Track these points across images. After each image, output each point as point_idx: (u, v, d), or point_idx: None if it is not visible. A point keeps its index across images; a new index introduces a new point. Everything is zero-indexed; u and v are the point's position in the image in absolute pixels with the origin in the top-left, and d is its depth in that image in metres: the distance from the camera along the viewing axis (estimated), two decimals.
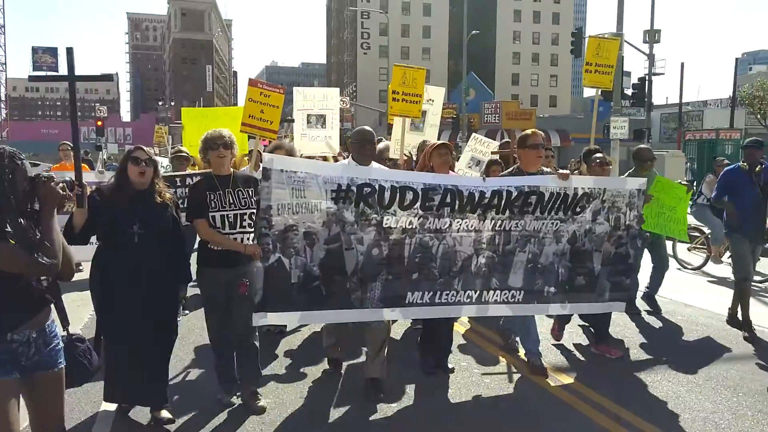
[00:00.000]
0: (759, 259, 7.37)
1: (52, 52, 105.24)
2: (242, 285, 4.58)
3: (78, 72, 4.40)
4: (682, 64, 40.57)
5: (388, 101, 7.40)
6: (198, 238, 4.91)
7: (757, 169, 6.83)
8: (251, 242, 4.62)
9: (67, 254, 2.96)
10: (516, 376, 5.64)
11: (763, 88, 49.20)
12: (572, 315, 6.25)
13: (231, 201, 4.59)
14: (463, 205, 4.97)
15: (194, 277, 4.77)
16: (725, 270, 10.06)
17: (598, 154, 6.38)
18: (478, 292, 5.15)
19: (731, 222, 6.90)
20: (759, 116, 48.76)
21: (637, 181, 5.65)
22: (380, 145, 7.00)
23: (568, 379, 5.55)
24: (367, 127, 5.42)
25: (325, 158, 7.98)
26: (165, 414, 4.49)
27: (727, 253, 9.50)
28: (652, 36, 31.73)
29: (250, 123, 6.12)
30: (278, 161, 4.59)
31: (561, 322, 6.42)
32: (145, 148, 4.49)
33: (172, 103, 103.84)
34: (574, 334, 6.76)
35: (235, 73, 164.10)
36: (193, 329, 6.70)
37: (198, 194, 4.63)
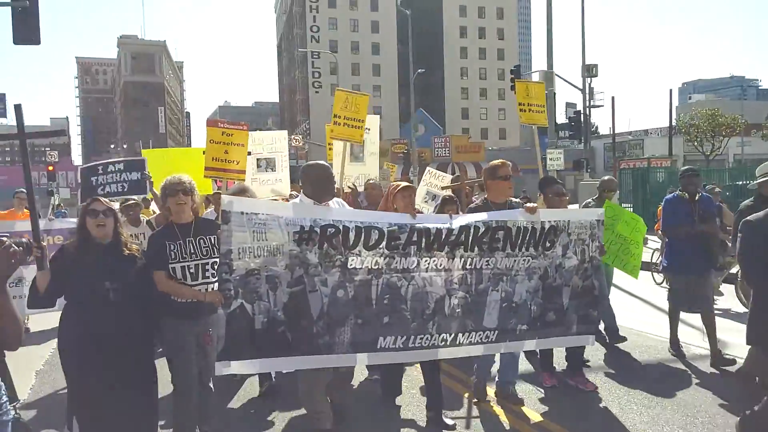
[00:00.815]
0: (720, 283, 7.37)
1: (0, 98, 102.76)
2: (207, 335, 4.36)
3: (30, 118, 4.22)
4: (613, 98, 42.00)
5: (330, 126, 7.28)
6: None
7: (696, 197, 6.76)
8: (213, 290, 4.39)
9: (17, 320, 2.62)
10: (485, 417, 5.47)
11: (699, 117, 51.08)
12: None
13: (192, 251, 4.37)
14: (430, 242, 4.83)
15: None
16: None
17: (555, 186, 6.34)
18: (453, 334, 4.98)
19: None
20: (696, 143, 50.51)
21: (596, 211, 5.63)
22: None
23: (536, 417, 5.41)
24: (324, 162, 5.25)
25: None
26: None
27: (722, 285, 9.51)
28: (584, 71, 32.88)
29: (214, 166, 5.77)
30: (238, 203, 4.40)
31: (547, 368, 6.27)
32: (102, 199, 4.25)
33: (125, 146, 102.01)
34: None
35: (188, 113, 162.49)
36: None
37: (156, 244, 4.37)
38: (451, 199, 6.60)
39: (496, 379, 5.85)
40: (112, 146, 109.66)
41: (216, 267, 4.39)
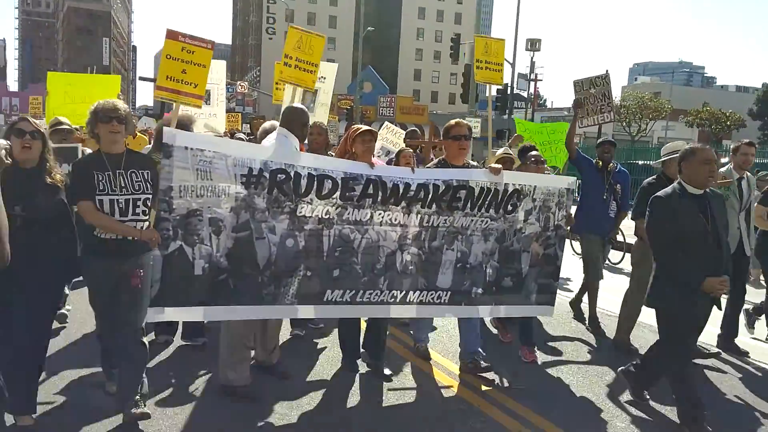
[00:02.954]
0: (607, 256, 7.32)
1: None
2: (135, 276, 3.85)
3: None
4: (536, 76, 43.11)
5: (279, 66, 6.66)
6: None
7: (609, 167, 6.81)
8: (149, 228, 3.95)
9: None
10: (425, 382, 5.19)
11: (629, 98, 52.23)
12: None
13: (123, 184, 3.84)
14: (387, 197, 4.54)
15: None
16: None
17: (534, 152, 6.12)
18: (404, 292, 4.74)
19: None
20: (624, 125, 51.48)
21: (566, 179, 5.42)
22: (266, 124, 6.39)
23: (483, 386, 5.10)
24: (304, 108, 4.96)
25: None
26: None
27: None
28: (515, 42, 33.44)
29: (167, 86, 4.99)
30: (182, 137, 3.97)
31: (502, 324, 6.15)
32: (31, 119, 3.73)
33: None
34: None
35: (134, 47, 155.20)
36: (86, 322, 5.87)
37: (83, 173, 3.82)
38: (407, 151, 6.27)
39: (459, 351, 5.48)
40: None
41: (147, 204, 3.94)
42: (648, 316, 5.50)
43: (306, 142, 8.00)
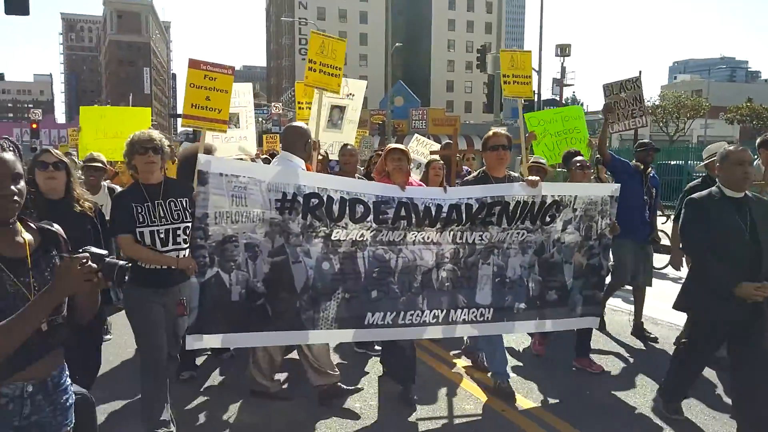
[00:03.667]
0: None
1: None
2: (180, 305, 3.91)
3: (14, 74, 3.87)
4: (562, 78, 42.31)
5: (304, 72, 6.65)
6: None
7: (648, 171, 6.62)
8: (185, 256, 3.97)
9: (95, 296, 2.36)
10: (476, 401, 5.05)
11: (666, 99, 50.86)
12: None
13: (162, 214, 3.91)
14: (420, 219, 4.45)
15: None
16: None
17: (579, 157, 5.96)
18: (444, 311, 4.62)
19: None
20: (661, 125, 50.19)
21: (610, 187, 5.18)
22: None
23: (529, 404, 4.95)
24: (300, 123, 4.95)
25: (241, 161, 7.26)
26: None
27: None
28: (540, 50, 32.85)
29: (193, 114, 5.06)
30: (216, 164, 3.96)
31: (541, 335, 5.92)
32: (53, 150, 3.80)
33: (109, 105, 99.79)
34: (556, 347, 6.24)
35: (174, 75, 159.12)
36: (124, 348, 5.95)
37: (122, 206, 3.89)
38: (437, 162, 6.19)
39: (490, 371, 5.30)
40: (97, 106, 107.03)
41: (188, 232, 3.97)
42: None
43: (338, 164, 7.99)
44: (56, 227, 2.33)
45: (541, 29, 32.48)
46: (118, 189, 6.31)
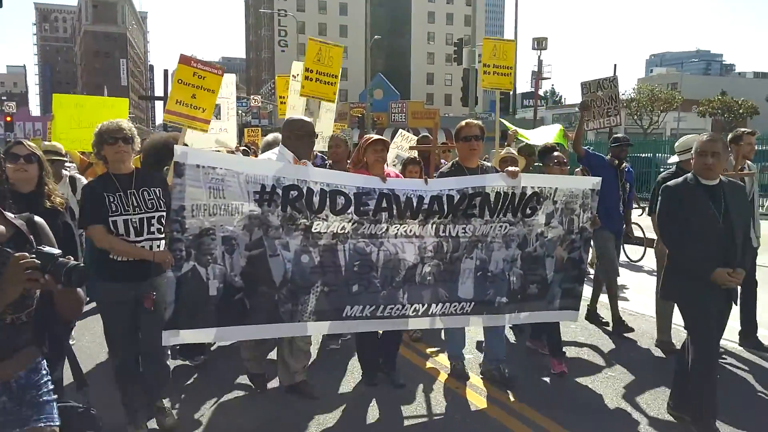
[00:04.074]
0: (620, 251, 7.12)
1: None
2: (147, 298, 3.77)
3: None
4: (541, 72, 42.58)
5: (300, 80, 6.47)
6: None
7: (622, 165, 6.71)
8: (161, 249, 3.87)
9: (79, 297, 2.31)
10: (450, 392, 5.03)
11: (641, 92, 51.29)
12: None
13: (135, 203, 3.79)
14: (402, 211, 4.39)
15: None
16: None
17: (556, 153, 5.94)
18: (426, 305, 4.58)
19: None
20: (635, 117, 50.52)
21: (591, 180, 5.14)
22: (268, 137, 6.25)
23: (506, 398, 4.89)
24: (306, 118, 4.80)
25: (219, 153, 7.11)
26: None
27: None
28: (515, 43, 32.83)
29: (176, 110, 4.94)
30: (193, 155, 3.86)
31: (556, 353, 5.54)
32: (26, 142, 3.66)
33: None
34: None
35: (151, 66, 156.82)
36: (97, 354, 5.75)
37: (93, 197, 3.76)
38: (414, 159, 6.12)
39: (482, 357, 5.40)
40: None
41: (162, 222, 3.87)
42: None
43: (321, 154, 7.87)
44: (37, 219, 2.27)
45: (516, 21, 32.60)
46: (82, 180, 6.14)
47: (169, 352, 4.85)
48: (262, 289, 4.07)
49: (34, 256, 1.90)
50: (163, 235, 3.89)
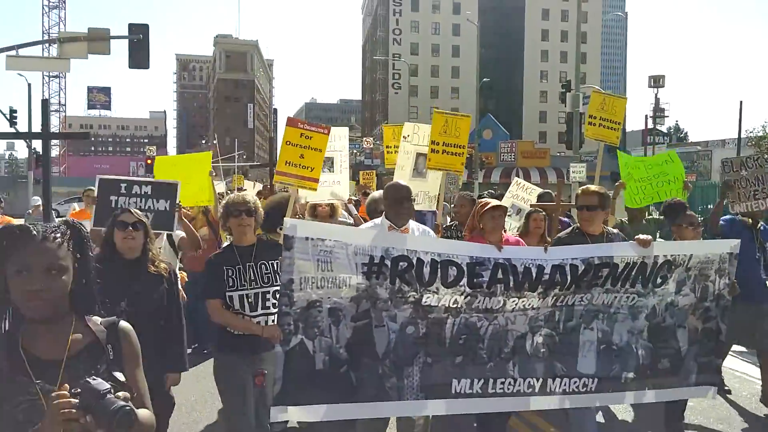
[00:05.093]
0: None
1: (106, 91, 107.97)
2: (258, 376, 3.81)
3: (131, 111, 3.92)
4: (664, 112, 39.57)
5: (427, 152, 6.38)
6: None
7: (758, 225, 5.97)
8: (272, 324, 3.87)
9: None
10: None
11: None
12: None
13: (252, 277, 3.87)
14: (519, 282, 4.10)
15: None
16: None
17: (689, 213, 5.43)
18: (540, 379, 4.23)
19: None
20: (766, 157, 45.71)
21: (728, 243, 4.62)
22: (375, 194, 6.05)
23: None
24: (402, 182, 4.71)
25: (332, 206, 7.16)
26: None
27: None
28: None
29: (285, 171, 5.04)
30: (302, 227, 3.85)
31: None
32: (133, 210, 3.82)
33: (215, 141, 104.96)
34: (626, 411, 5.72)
35: (275, 110, 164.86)
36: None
37: (214, 270, 3.89)
38: (538, 213, 5.80)
39: None
40: (204, 141, 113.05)
41: (277, 296, 3.87)
42: None
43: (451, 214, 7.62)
44: (122, 326, 2.04)
45: (626, 56, 31.05)
46: (180, 234, 6.31)
47: None
48: (366, 361, 3.93)
49: (78, 390, 1.63)
50: (276, 310, 3.89)
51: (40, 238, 1.82)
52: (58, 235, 1.86)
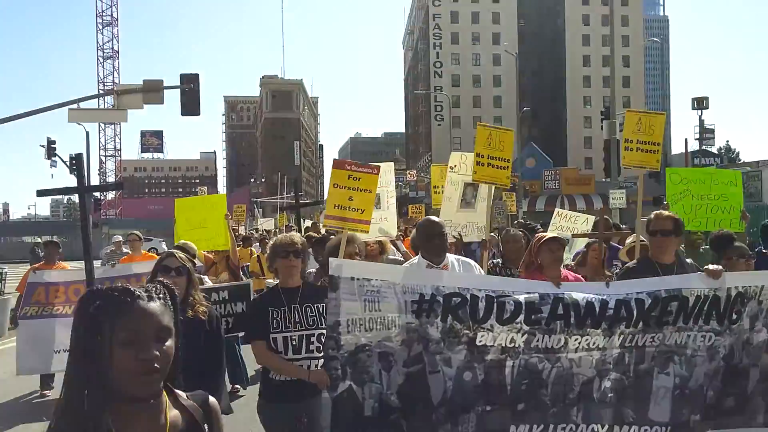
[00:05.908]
0: None
1: (158, 135, 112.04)
2: (299, 421, 3.60)
3: (183, 153, 3.85)
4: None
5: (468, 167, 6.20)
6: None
7: None
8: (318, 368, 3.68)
9: None
10: None
11: None
12: None
13: (297, 319, 3.73)
14: (582, 318, 3.79)
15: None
16: None
17: (737, 244, 5.06)
18: (607, 426, 3.88)
19: None
20: None
21: None
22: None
23: None
24: (433, 218, 4.55)
25: (381, 243, 6.94)
26: None
27: None
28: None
29: (335, 215, 4.76)
30: (348, 267, 3.68)
31: None
32: (178, 254, 3.72)
33: (263, 180, 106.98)
34: None
35: (321, 146, 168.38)
36: None
37: (259, 311, 3.79)
38: (596, 243, 5.49)
39: None
40: (252, 179, 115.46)
41: (322, 340, 3.71)
42: None
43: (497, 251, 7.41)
44: (212, 402, 1.83)
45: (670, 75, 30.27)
46: (205, 279, 6.20)
47: None
48: (419, 409, 3.69)
49: None
50: (321, 355, 3.72)
51: (146, 298, 1.58)
52: (161, 294, 1.65)
